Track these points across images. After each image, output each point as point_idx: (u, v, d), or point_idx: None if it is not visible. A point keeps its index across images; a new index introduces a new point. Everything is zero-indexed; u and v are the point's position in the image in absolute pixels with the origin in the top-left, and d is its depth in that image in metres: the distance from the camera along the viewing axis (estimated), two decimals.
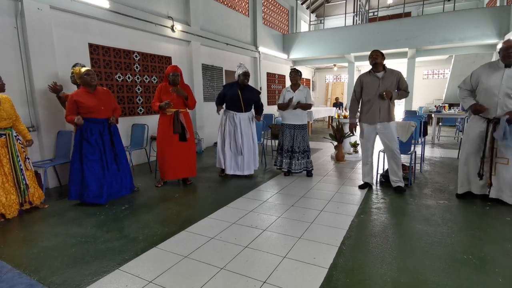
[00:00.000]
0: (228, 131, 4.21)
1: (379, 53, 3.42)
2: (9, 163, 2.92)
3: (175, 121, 3.73)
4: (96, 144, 3.26)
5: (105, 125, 3.35)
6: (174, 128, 3.74)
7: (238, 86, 4.17)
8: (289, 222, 2.78)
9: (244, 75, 4.13)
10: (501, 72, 2.88)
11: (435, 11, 11.28)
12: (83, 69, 3.23)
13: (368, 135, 3.57)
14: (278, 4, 10.80)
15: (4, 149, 2.89)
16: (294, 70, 4.26)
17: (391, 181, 3.60)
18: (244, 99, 4.15)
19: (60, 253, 2.28)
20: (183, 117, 3.82)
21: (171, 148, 3.80)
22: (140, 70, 5.44)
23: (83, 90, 3.24)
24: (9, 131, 2.93)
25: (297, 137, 4.24)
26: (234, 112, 4.20)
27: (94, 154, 3.26)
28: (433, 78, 13.25)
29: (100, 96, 3.32)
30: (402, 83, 3.43)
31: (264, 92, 10.00)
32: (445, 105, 7.84)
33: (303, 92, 4.21)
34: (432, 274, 1.92)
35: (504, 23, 7.76)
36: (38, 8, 3.76)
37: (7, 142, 2.91)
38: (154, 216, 2.99)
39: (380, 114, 3.41)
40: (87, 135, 3.23)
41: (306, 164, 4.31)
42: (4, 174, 2.89)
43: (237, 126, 4.18)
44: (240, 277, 1.92)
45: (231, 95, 4.14)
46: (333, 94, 14.95)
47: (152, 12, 5.49)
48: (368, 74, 3.53)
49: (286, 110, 4.24)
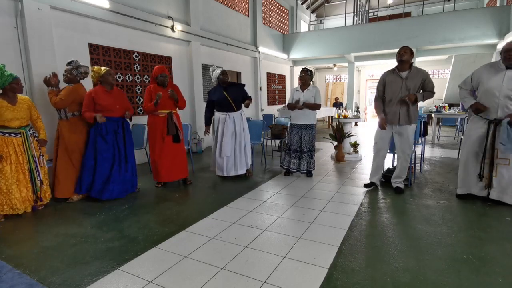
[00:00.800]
0: (225, 133, 4.13)
1: (408, 50, 3.20)
2: (26, 160, 3.01)
3: (170, 123, 3.72)
4: (110, 142, 3.39)
5: (119, 124, 3.48)
6: (168, 130, 3.72)
7: (222, 87, 4.11)
8: (289, 222, 2.78)
9: (223, 74, 4.08)
10: (502, 74, 2.85)
11: (435, 11, 11.27)
12: (103, 69, 3.43)
13: (384, 134, 3.46)
14: (278, 4, 10.80)
15: (21, 147, 2.98)
16: (304, 69, 4.21)
17: (392, 181, 3.60)
18: (232, 98, 4.09)
19: (60, 253, 2.28)
20: (176, 119, 3.82)
21: (164, 150, 3.78)
22: (140, 70, 5.44)
23: (101, 89, 3.40)
24: (23, 130, 3.00)
25: (304, 137, 4.21)
26: (227, 113, 4.15)
27: (108, 151, 3.40)
28: (433, 78, 13.24)
29: (116, 96, 3.49)
30: (427, 85, 3.24)
31: (264, 92, 10.00)
32: (445, 105, 7.83)
33: (312, 92, 4.15)
34: (432, 274, 1.92)
35: (504, 23, 7.76)
36: (38, 8, 3.76)
37: (23, 141, 2.99)
38: (154, 216, 2.99)
39: (400, 116, 3.28)
40: (102, 133, 3.36)
41: (310, 164, 4.28)
42: (23, 171, 2.99)
43: (230, 126, 4.12)
44: (240, 277, 1.92)
45: (218, 98, 4.10)
46: (333, 94, 14.95)
47: (152, 12, 5.49)
48: (392, 72, 3.37)
49: (294, 111, 4.22)
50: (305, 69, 4.21)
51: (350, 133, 5.54)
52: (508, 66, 2.84)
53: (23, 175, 3.00)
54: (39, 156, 3.14)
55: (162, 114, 3.74)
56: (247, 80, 8.82)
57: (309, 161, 4.28)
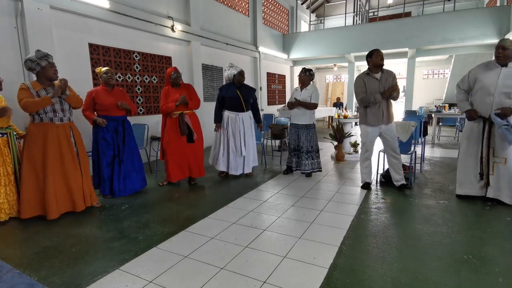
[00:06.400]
0: (232, 132, 4.19)
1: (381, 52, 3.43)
2: (12, 162, 2.91)
3: (181, 123, 3.75)
4: (111, 141, 3.44)
5: (120, 123, 3.52)
6: (181, 130, 3.76)
7: (236, 86, 4.15)
8: (289, 222, 2.78)
9: (240, 75, 4.13)
10: (497, 71, 2.88)
11: (435, 11, 11.27)
12: (104, 68, 3.44)
13: (371, 135, 3.53)
14: (278, 4, 10.80)
15: (6, 148, 2.89)
16: (303, 69, 4.23)
17: (394, 180, 3.61)
18: (244, 98, 4.15)
19: (60, 253, 2.28)
20: (188, 119, 3.83)
21: (179, 150, 3.83)
22: (140, 70, 5.44)
23: (102, 89, 3.45)
24: (9, 130, 2.91)
25: (301, 137, 4.23)
26: (236, 113, 4.19)
27: (110, 150, 3.45)
28: (433, 78, 13.24)
29: (117, 95, 3.51)
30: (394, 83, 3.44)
31: (264, 92, 10.00)
32: (445, 105, 7.83)
33: (309, 91, 4.17)
34: (432, 274, 1.92)
35: (504, 23, 7.76)
36: (38, 8, 3.76)
37: (8, 141, 2.90)
38: (154, 216, 2.99)
39: (383, 115, 3.41)
40: (103, 132, 3.41)
41: (312, 165, 4.25)
42: (7, 174, 2.88)
43: (240, 126, 4.18)
44: (240, 277, 1.92)
45: (230, 96, 4.13)
46: (333, 94, 14.96)
47: (152, 12, 5.49)
48: (367, 75, 3.49)
49: (292, 110, 4.27)
50: (304, 69, 4.23)
51: (350, 133, 5.54)
52: (503, 64, 2.86)
53: (9, 178, 2.88)
54: None
55: (174, 115, 3.78)
56: (247, 80, 8.73)
57: (312, 162, 4.25)
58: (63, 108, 2.93)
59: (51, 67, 2.84)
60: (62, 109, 2.93)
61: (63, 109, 2.93)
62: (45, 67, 2.80)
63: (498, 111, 2.82)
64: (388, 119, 3.45)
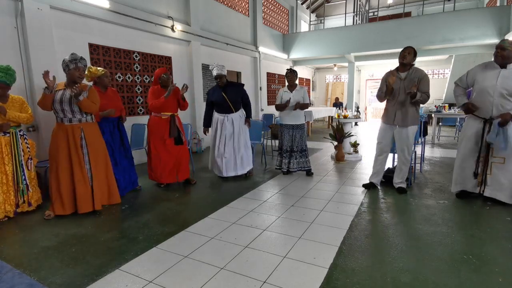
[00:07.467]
0: (223, 134, 4.13)
1: (412, 51, 3.19)
2: (11, 162, 2.93)
3: (172, 125, 3.74)
4: (106, 142, 3.39)
5: (115, 124, 3.51)
6: (170, 132, 3.74)
7: (220, 88, 4.08)
8: (289, 222, 2.78)
9: (217, 78, 4.01)
10: (496, 73, 2.88)
11: (435, 11, 11.27)
12: (100, 69, 3.37)
13: (384, 134, 3.47)
14: (278, 4, 10.80)
15: (7, 147, 2.90)
16: (291, 70, 4.22)
17: (394, 182, 3.60)
18: (231, 99, 4.05)
19: (60, 253, 2.28)
20: (178, 121, 3.83)
21: (168, 151, 3.79)
22: (140, 70, 5.44)
23: (96, 90, 3.35)
24: (13, 130, 2.95)
25: (295, 137, 4.25)
26: (225, 114, 4.14)
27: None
28: (433, 78, 13.22)
29: (110, 96, 3.49)
30: (422, 85, 3.15)
31: (264, 92, 10.00)
32: (445, 105, 7.83)
33: (300, 92, 4.20)
34: (432, 274, 1.92)
35: (504, 23, 7.76)
36: (38, 8, 3.76)
37: (11, 141, 2.93)
38: (154, 216, 2.99)
39: (395, 117, 3.30)
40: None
41: (304, 164, 4.33)
42: (5, 173, 2.89)
43: (229, 127, 4.12)
44: (240, 277, 1.92)
45: (217, 99, 4.08)
46: (333, 94, 14.95)
47: (152, 12, 5.49)
48: (396, 71, 3.35)
49: (284, 111, 4.23)
50: (291, 70, 4.23)
51: (350, 133, 5.54)
52: (502, 65, 2.86)
53: (6, 178, 2.89)
54: (27, 159, 3.04)
55: (165, 116, 3.75)
56: (247, 80, 8.82)
57: (304, 161, 4.32)
58: (72, 109, 2.93)
59: (76, 71, 2.92)
60: (72, 110, 2.93)
61: (72, 110, 2.93)
62: (71, 69, 2.92)
63: (499, 119, 2.82)
64: (402, 121, 3.26)
